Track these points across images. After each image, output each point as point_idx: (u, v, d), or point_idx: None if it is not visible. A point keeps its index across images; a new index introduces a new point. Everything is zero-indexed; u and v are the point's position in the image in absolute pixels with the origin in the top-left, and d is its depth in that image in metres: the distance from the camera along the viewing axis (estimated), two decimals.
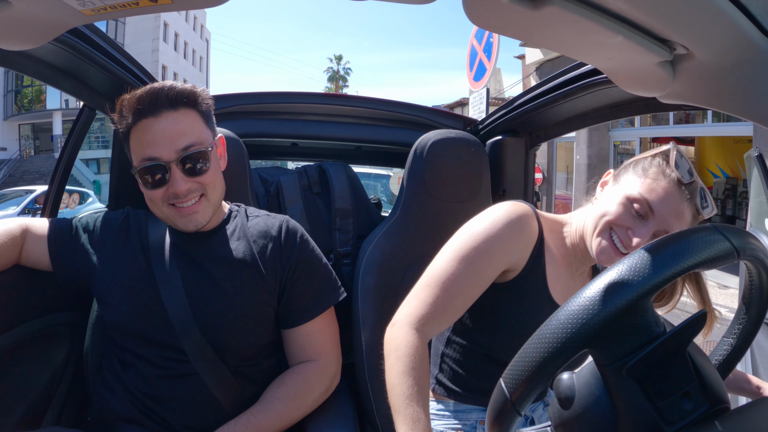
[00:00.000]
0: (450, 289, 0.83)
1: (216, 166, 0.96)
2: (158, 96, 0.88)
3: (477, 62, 5.82)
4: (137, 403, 0.91)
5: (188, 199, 0.91)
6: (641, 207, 0.83)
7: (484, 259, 0.85)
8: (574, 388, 0.50)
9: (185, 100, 0.91)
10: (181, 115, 0.90)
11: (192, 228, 0.94)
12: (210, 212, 0.96)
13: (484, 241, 0.85)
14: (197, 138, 0.91)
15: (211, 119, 0.98)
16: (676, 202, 0.83)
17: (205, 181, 0.92)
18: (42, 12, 0.55)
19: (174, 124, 0.89)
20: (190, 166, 0.90)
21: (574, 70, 1.12)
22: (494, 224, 0.86)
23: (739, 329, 0.60)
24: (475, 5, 0.46)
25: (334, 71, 37.31)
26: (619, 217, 0.84)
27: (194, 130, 0.91)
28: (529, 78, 11.04)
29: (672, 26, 0.48)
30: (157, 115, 0.89)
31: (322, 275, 1.04)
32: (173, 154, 0.88)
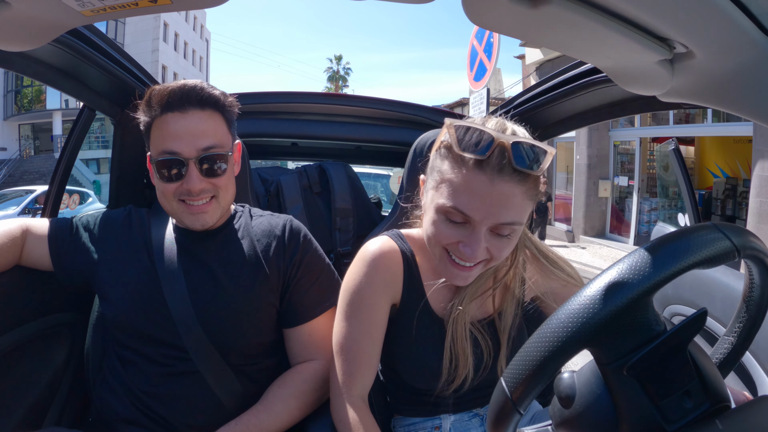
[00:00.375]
0: (353, 351, 0.85)
1: (231, 171, 0.98)
2: (189, 93, 0.90)
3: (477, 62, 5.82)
4: (138, 403, 0.91)
5: (200, 198, 0.92)
6: (455, 215, 0.72)
7: (365, 310, 0.85)
8: (575, 387, 0.50)
9: (213, 102, 0.93)
10: (207, 115, 0.92)
11: (198, 227, 0.95)
12: (218, 214, 0.97)
13: (357, 293, 0.85)
14: (219, 140, 0.93)
15: (233, 125, 1.00)
16: (486, 187, 0.69)
17: (219, 183, 0.94)
18: (41, 13, 0.55)
19: (199, 123, 0.91)
20: (208, 166, 0.91)
21: (574, 69, 1.13)
22: (359, 274, 0.85)
23: (740, 328, 0.60)
24: (474, 5, 0.46)
25: (334, 71, 37.31)
26: (441, 237, 0.75)
27: (217, 132, 0.93)
28: (529, 78, 11.04)
29: (672, 25, 0.48)
30: (185, 111, 0.90)
31: (325, 275, 1.04)
32: (194, 151, 0.90)
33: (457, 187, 0.72)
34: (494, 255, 0.75)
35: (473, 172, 0.70)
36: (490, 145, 0.69)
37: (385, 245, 0.87)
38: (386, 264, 0.86)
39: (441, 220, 0.75)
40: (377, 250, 0.86)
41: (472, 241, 0.72)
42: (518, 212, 0.72)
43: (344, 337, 0.86)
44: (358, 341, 0.85)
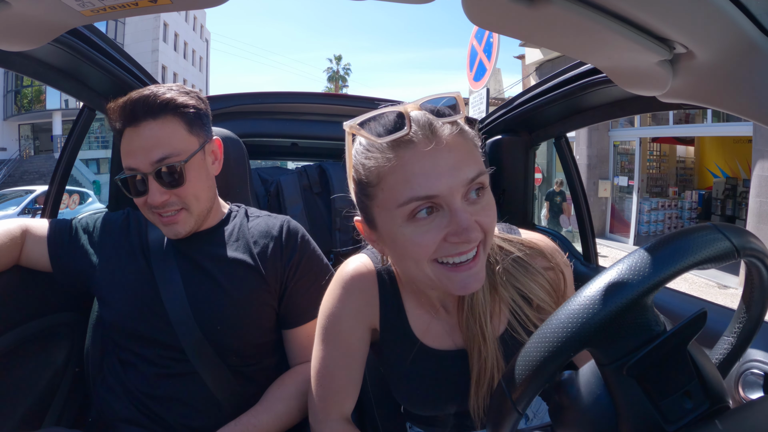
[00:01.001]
0: (328, 377, 0.81)
1: (198, 178, 0.93)
2: (136, 106, 0.88)
3: (477, 62, 5.82)
4: (137, 404, 0.91)
5: (167, 211, 0.91)
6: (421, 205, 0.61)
7: (343, 334, 0.80)
8: (575, 387, 0.50)
9: (165, 107, 0.89)
10: (159, 124, 0.88)
11: (173, 236, 0.95)
12: (191, 223, 0.95)
13: (331, 317, 0.79)
14: (174, 149, 0.89)
15: (197, 124, 0.94)
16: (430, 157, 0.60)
17: (182, 194, 0.91)
18: (41, 13, 0.55)
19: (151, 134, 0.88)
20: (166, 178, 0.89)
21: (574, 69, 1.13)
22: (333, 297, 0.80)
23: (739, 328, 0.60)
24: (474, 5, 0.46)
25: (334, 71, 37.31)
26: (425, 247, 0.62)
27: (172, 140, 0.89)
28: (529, 78, 11.05)
29: (671, 25, 0.48)
30: (137, 125, 0.88)
31: (324, 276, 1.04)
32: (148, 165, 0.88)
33: (401, 178, 0.61)
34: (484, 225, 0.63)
35: (406, 151, 0.61)
36: (402, 118, 0.61)
37: (359, 267, 0.80)
38: (360, 287, 0.79)
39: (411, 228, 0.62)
40: (351, 271, 0.79)
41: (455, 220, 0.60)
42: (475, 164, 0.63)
43: (319, 362, 0.82)
44: (333, 367, 0.81)
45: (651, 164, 9.68)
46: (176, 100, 0.90)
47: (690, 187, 9.85)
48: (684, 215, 9.10)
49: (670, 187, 9.66)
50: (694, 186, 9.93)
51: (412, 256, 0.64)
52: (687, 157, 10.43)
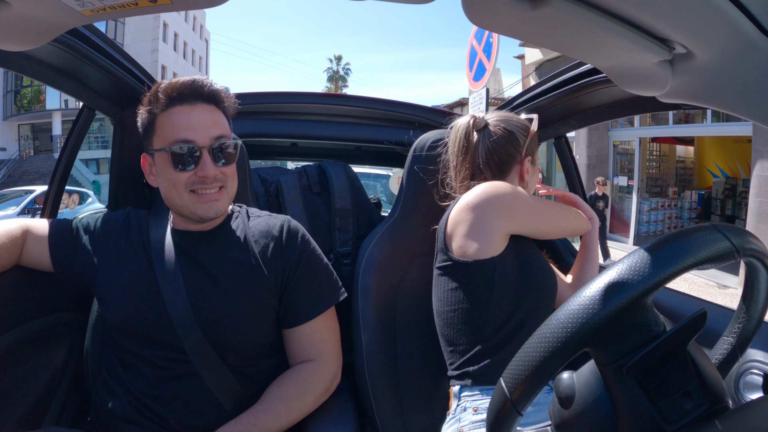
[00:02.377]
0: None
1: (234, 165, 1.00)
2: (199, 87, 0.95)
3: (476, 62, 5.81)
4: (137, 404, 0.91)
5: (212, 187, 0.94)
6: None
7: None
8: (574, 387, 0.50)
9: (218, 98, 0.98)
10: (212, 109, 0.97)
11: (213, 215, 0.95)
12: (227, 204, 0.98)
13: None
14: (227, 132, 0.97)
15: (231, 122, 1.03)
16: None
17: (228, 172, 0.97)
18: (41, 13, 0.55)
19: (208, 115, 0.95)
20: (220, 155, 0.95)
21: (574, 69, 1.13)
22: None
23: (739, 328, 0.60)
24: (474, 5, 0.46)
25: (334, 71, 37.30)
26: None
27: (224, 124, 0.98)
28: (529, 78, 11.05)
29: (671, 26, 0.48)
30: (194, 104, 0.94)
31: (323, 275, 1.04)
32: (207, 140, 0.93)
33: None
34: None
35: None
36: None
37: None
38: None
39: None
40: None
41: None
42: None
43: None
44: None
45: (651, 164, 9.68)
46: (226, 94, 1.00)
47: (690, 187, 9.85)
48: (684, 215, 9.10)
49: (670, 187, 9.66)
50: (693, 186, 9.94)
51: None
52: (687, 157, 10.44)
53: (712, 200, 9.28)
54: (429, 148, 1.24)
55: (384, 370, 1.14)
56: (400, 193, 1.30)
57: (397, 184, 2.10)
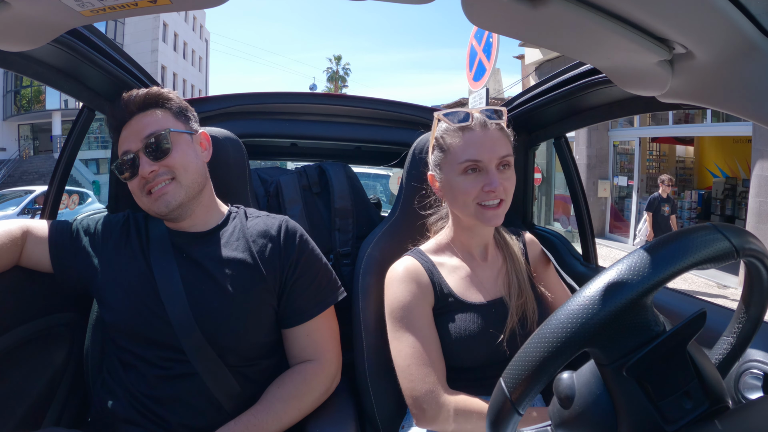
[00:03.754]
0: (427, 354, 0.96)
1: (185, 151, 0.99)
2: (127, 104, 0.99)
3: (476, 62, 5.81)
4: (137, 404, 0.91)
5: (157, 183, 0.96)
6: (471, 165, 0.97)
7: (417, 317, 0.99)
8: (574, 387, 0.50)
9: (151, 102, 1.00)
10: (148, 114, 0.99)
11: (164, 210, 0.96)
12: (182, 194, 0.97)
13: (404, 308, 1.00)
14: (161, 126, 0.98)
15: (182, 117, 1.04)
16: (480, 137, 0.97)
17: (170, 163, 0.96)
18: (41, 13, 0.55)
19: (140, 121, 0.98)
20: (153, 150, 0.96)
21: (574, 69, 1.13)
22: (398, 293, 1.01)
23: (739, 328, 0.60)
24: (473, 5, 0.46)
25: (334, 71, 37.30)
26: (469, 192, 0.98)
27: (159, 121, 0.98)
28: (529, 78, 11.05)
29: (671, 26, 0.48)
30: (131, 119, 0.99)
31: (322, 275, 1.04)
32: (138, 143, 0.96)
33: (462, 147, 0.98)
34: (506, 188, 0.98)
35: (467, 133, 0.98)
36: (468, 115, 0.99)
37: (406, 263, 1.05)
38: (414, 277, 1.02)
39: (462, 178, 0.98)
40: (402, 268, 1.03)
41: (490, 180, 0.96)
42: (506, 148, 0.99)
43: (408, 350, 0.97)
44: (423, 347, 0.96)
45: (650, 164, 9.68)
46: (161, 94, 1.01)
47: (689, 187, 9.85)
48: (684, 215, 9.10)
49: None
50: (693, 186, 9.94)
51: (461, 196, 0.99)
52: (686, 157, 10.44)
53: (712, 200, 9.28)
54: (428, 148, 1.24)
55: (384, 370, 1.14)
56: (400, 193, 1.30)
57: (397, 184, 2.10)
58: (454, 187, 1.00)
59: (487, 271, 1.07)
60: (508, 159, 0.99)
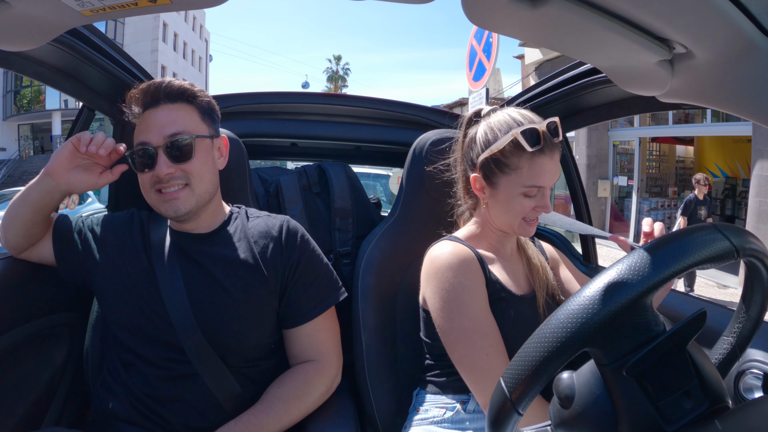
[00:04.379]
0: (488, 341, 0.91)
1: (205, 159, 0.97)
2: (158, 90, 0.95)
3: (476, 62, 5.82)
4: (138, 404, 0.91)
5: (171, 185, 0.93)
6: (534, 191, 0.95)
7: (474, 304, 0.93)
8: (574, 387, 0.50)
9: (182, 94, 0.97)
10: (176, 107, 0.96)
11: (172, 214, 0.95)
12: (192, 203, 0.95)
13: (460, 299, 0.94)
14: (186, 128, 0.95)
15: (209, 116, 1.01)
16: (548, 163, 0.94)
17: (188, 169, 0.94)
18: (41, 13, 0.55)
19: (167, 114, 0.94)
20: (175, 152, 0.93)
21: (574, 69, 1.13)
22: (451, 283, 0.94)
23: (739, 328, 0.60)
24: (474, 5, 0.46)
25: (333, 71, 37.29)
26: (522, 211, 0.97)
27: (185, 121, 0.95)
28: (529, 78, 11.05)
29: (671, 25, 0.48)
30: (156, 107, 0.95)
31: (323, 275, 1.04)
32: (161, 139, 0.92)
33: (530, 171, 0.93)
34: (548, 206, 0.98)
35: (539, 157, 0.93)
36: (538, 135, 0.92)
37: (460, 250, 0.98)
38: (472, 266, 0.97)
39: (521, 199, 0.96)
40: (452, 255, 0.97)
41: (545, 203, 0.96)
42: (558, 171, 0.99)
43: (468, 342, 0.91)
44: (485, 334, 0.91)
45: (650, 164, 9.67)
46: (193, 89, 0.98)
47: (690, 186, 9.83)
48: None
49: (670, 186, 9.65)
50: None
51: (513, 213, 0.97)
52: (686, 156, 10.44)
53: (712, 200, 9.28)
54: (429, 148, 1.24)
55: (384, 370, 1.14)
56: (400, 193, 1.30)
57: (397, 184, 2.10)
58: (509, 204, 0.96)
59: (515, 266, 1.06)
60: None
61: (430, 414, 1.00)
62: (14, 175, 19.97)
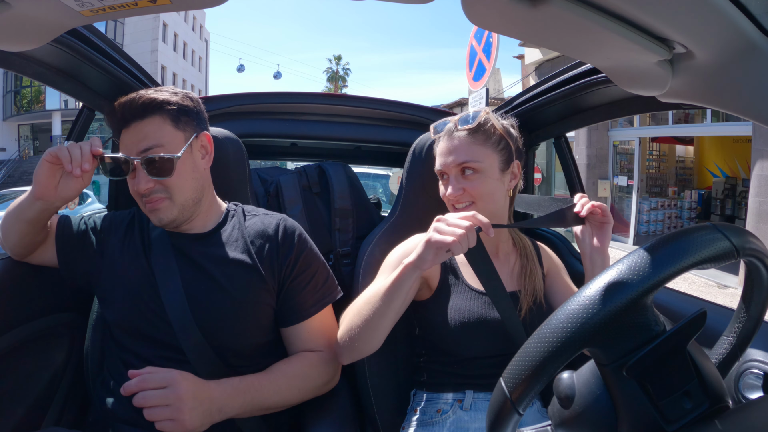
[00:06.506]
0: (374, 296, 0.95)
1: (184, 169, 0.95)
2: (124, 109, 0.94)
3: (476, 62, 5.81)
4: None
5: (151, 199, 0.94)
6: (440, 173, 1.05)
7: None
8: (574, 387, 0.50)
9: (148, 107, 0.94)
10: (146, 123, 0.94)
11: (156, 222, 0.96)
12: (174, 212, 0.95)
13: (394, 259, 1.04)
14: (159, 141, 0.93)
15: (183, 120, 0.97)
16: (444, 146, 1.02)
17: (167, 183, 0.93)
18: (41, 13, 0.55)
19: (138, 131, 0.93)
20: (151, 167, 0.92)
21: (574, 69, 1.13)
22: (401, 247, 1.07)
23: (739, 328, 0.60)
24: (474, 5, 0.46)
25: (333, 71, 37.29)
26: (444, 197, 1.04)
27: (157, 133, 0.93)
28: (529, 78, 11.05)
29: (671, 25, 0.48)
30: (128, 126, 0.94)
31: (320, 274, 1.04)
32: (135, 153, 0.92)
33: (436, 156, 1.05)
34: (471, 194, 1.00)
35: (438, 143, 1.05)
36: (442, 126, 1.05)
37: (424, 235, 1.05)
38: None
39: (440, 185, 1.05)
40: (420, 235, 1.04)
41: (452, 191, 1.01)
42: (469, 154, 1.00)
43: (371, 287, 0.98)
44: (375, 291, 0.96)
45: (650, 164, 9.67)
46: (157, 99, 0.94)
47: (689, 186, 9.85)
48: (683, 215, 9.10)
49: (670, 186, 9.65)
50: (693, 186, 9.93)
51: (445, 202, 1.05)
52: (686, 156, 10.44)
53: (711, 200, 9.28)
54: (429, 148, 1.24)
55: (384, 370, 1.14)
56: (400, 193, 1.30)
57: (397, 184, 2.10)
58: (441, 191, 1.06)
59: (500, 265, 1.07)
60: (467, 165, 1.00)
61: (427, 414, 1.01)
62: (14, 175, 19.97)
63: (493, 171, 1.01)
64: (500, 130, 1.03)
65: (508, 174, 1.04)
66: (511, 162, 1.05)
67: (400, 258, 1.02)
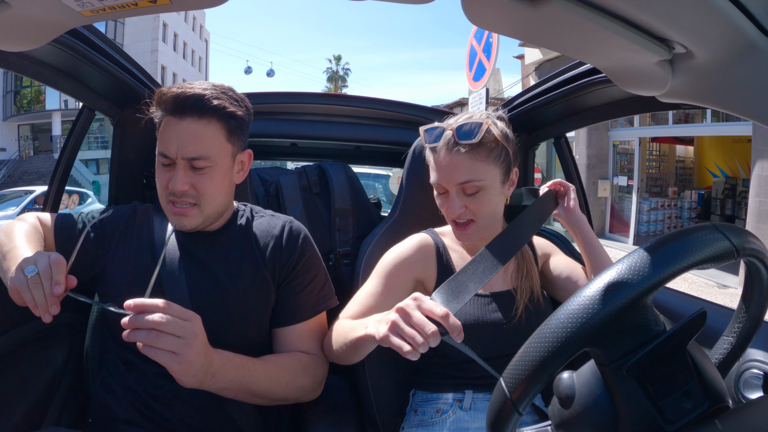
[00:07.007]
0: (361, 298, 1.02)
1: (221, 182, 0.95)
2: (189, 100, 0.89)
3: (476, 62, 5.81)
4: (138, 403, 0.91)
5: (182, 201, 0.93)
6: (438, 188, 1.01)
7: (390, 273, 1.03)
8: (574, 387, 0.50)
9: (214, 112, 0.91)
10: (202, 124, 0.90)
11: (178, 227, 0.96)
12: (198, 221, 0.95)
13: (388, 262, 1.05)
14: (207, 152, 0.91)
15: (236, 134, 0.96)
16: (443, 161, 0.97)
17: (202, 190, 0.92)
18: (41, 13, 0.55)
19: (191, 130, 0.90)
20: (194, 172, 0.91)
21: (574, 69, 1.13)
22: (395, 250, 1.07)
23: (739, 328, 0.60)
24: (474, 5, 0.46)
25: (333, 71, 37.29)
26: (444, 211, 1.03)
27: (208, 142, 0.91)
28: (529, 78, 11.05)
29: (671, 25, 0.48)
30: (181, 117, 0.90)
31: (319, 279, 1.04)
32: (180, 157, 0.90)
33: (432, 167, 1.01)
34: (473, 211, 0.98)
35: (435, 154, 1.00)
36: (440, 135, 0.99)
37: (425, 237, 1.09)
38: (422, 247, 1.06)
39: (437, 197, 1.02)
40: (419, 237, 1.08)
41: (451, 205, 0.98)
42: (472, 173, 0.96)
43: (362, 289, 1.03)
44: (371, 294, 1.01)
45: (650, 164, 9.68)
46: (226, 108, 0.92)
47: (689, 186, 9.85)
48: (683, 215, 9.10)
49: (670, 186, 9.66)
50: (693, 186, 9.93)
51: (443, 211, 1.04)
52: (686, 156, 10.44)
53: (711, 200, 9.28)
54: None
55: (384, 370, 1.14)
56: (400, 193, 1.30)
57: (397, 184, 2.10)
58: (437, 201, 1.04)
59: None
60: (469, 186, 0.96)
61: (427, 414, 1.01)
62: (14, 175, 19.98)
63: (495, 186, 0.99)
64: (500, 138, 0.98)
65: (508, 183, 1.03)
66: (511, 171, 1.03)
67: (394, 262, 1.04)
